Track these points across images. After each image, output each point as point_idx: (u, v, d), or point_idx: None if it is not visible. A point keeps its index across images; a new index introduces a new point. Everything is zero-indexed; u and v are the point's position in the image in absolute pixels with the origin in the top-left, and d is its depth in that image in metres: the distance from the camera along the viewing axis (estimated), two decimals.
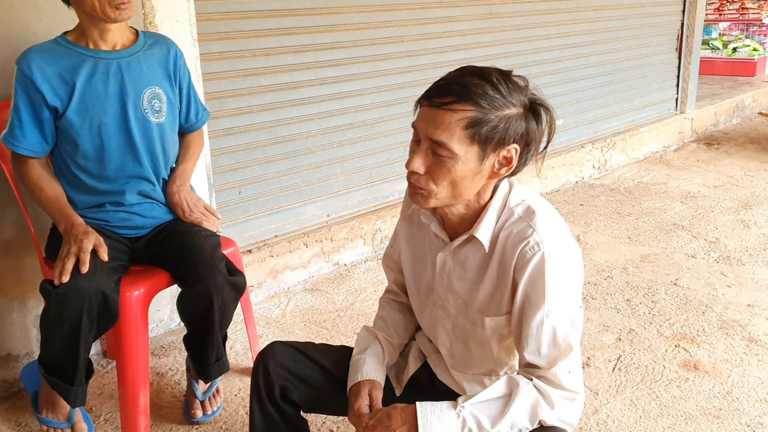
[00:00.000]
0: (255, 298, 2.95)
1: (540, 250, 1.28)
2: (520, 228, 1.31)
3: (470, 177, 1.27)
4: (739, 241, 3.53)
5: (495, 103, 1.22)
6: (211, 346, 1.97)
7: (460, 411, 1.28)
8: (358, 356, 1.52)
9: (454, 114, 1.22)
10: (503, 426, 1.26)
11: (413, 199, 1.32)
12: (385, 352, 1.54)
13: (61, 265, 1.72)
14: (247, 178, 2.97)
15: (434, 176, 1.26)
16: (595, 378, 2.34)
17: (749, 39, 8.25)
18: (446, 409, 1.28)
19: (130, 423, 1.89)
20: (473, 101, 1.21)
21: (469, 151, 1.23)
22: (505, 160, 1.28)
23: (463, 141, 1.22)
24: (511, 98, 1.24)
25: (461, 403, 1.29)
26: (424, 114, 1.26)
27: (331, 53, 3.14)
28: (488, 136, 1.23)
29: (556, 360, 1.30)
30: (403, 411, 1.30)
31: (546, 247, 1.28)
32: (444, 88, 1.24)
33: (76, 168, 1.93)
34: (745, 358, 2.45)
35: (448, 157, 1.23)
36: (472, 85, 1.22)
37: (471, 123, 1.21)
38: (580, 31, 4.56)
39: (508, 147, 1.26)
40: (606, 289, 3.02)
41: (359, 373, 1.47)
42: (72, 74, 1.85)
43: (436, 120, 1.23)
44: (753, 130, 6.22)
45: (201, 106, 2.15)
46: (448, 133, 1.22)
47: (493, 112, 1.22)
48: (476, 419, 1.27)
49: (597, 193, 4.44)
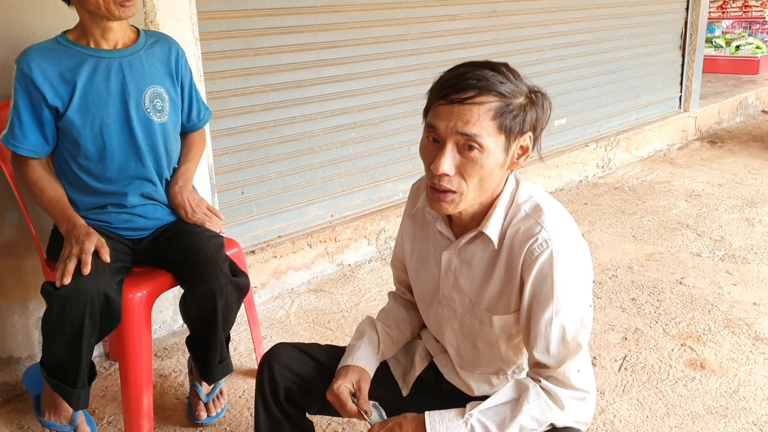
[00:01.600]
0: (259, 299, 2.93)
1: (548, 248, 1.27)
2: (528, 225, 1.30)
3: (497, 170, 1.26)
4: (744, 240, 3.51)
5: (512, 92, 1.23)
6: (215, 348, 1.95)
7: (468, 419, 1.26)
8: (353, 342, 1.52)
9: (481, 107, 1.21)
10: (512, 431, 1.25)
11: (439, 207, 1.28)
12: (380, 342, 1.54)
13: (62, 267, 1.71)
14: (249, 178, 2.95)
15: (465, 174, 1.24)
16: (601, 378, 2.32)
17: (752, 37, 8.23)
18: (454, 418, 1.27)
19: (134, 425, 1.88)
20: (495, 92, 1.21)
21: (497, 143, 1.23)
22: (522, 149, 1.28)
23: (492, 132, 1.22)
24: (520, 87, 1.25)
25: (469, 411, 1.27)
26: (444, 112, 1.23)
27: (334, 52, 3.13)
28: (512, 125, 1.23)
29: (565, 359, 1.28)
30: (413, 421, 1.30)
31: (554, 245, 1.27)
32: (462, 84, 1.22)
33: (77, 169, 1.91)
34: (751, 357, 2.43)
35: (478, 152, 1.22)
36: (489, 77, 1.22)
37: (497, 113, 1.21)
38: (583, 30, 4.55)
39: (524, 135, 1.27)
40: (611, 288, 3.00)
41: (350, 357, 1.48)
42: (73, 73, 1.84)
43: (463, 115, 1.21)
44: (756, 128, 6.19)
45: (203, 105, 2.14)
46: (479, 126, 1.21)
47: (512, 100, 1.23)
48: (484, 426, 1.26)
49: (601, 191, 4.42)
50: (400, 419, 1.32)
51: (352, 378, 1.44)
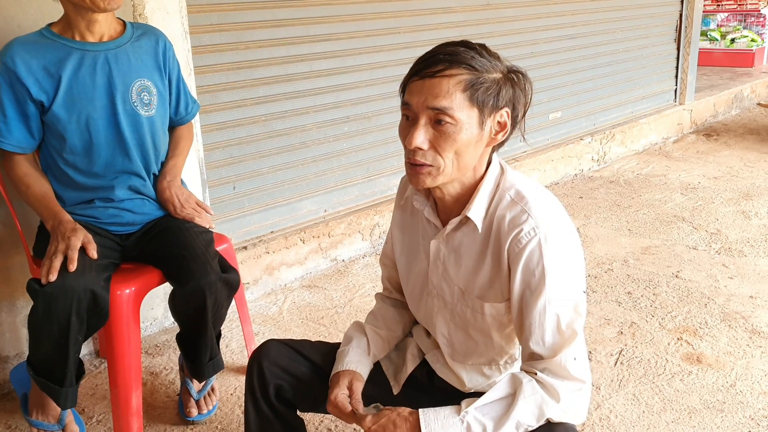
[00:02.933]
0: (251, 295, 2.91)
1: (536, 235, 1.25)
2: (515, 213, 1.28)
3: (473, 144, 1.25)
4: (740, 233, 3.49)
5: (484, 66, 1.24)
6: (205, 345, 1.92)
7: (464, 416, 1.24)
8: (342, 349, 1.50)
9: (450, 79, 1.21)
10: (508, 428, 1.22)
11: (417, 180, 1.28)
12: (371, 345, 1.51)
13: (48, 264, 1.67)
14: (241, 173, 2.92)
15: (439, 148, 1.24)
16: (597, 372, 2.30)
17: (747, 30, 8.21)
18: (450, 416, 1.24)
19: (122, 424, 1.85)
20: (465, 64, 1.22)
21: (470, 116, 1.23)
22: (500, 125, 1.28)
23: (464, 105, 1.22)
24: (495, 63, 1.26)
25: (465, 408, 1.24)
26: (416, 88, 1.24)
27: (326, 45, 3.09)
28: (485, 98, 1.23)
29: (561, 347, 1.25)
30: (407, 419, 1.27)
31: (542, 232, 1.25)
32: (432, 59, 1.24)
33: (63, 164, 1.88)
34: (748, 351, 2.41)
35: (451, 125, 1.22)
36: (460, 51, 1.24)
37: (468, 85, 1.22)
38: (578, 23, 4.52)
39: (500, 111, 1.26)
40: (607, 282, 2.98)
41: (341, 363, 1.46)
42: (58, 67, 1.81)
43: (433, 88, 1.21)
44: (752, 121, 6.18)
45: (191, 99, 2.11)
46: (449, 98, 1.21)
47: (484, 74, 1.23)
48: (481, 423, 1.23)
49: (596, 185, 4.40)
50: (394, 416, 1.28)
51: (345, 383, 1.42)
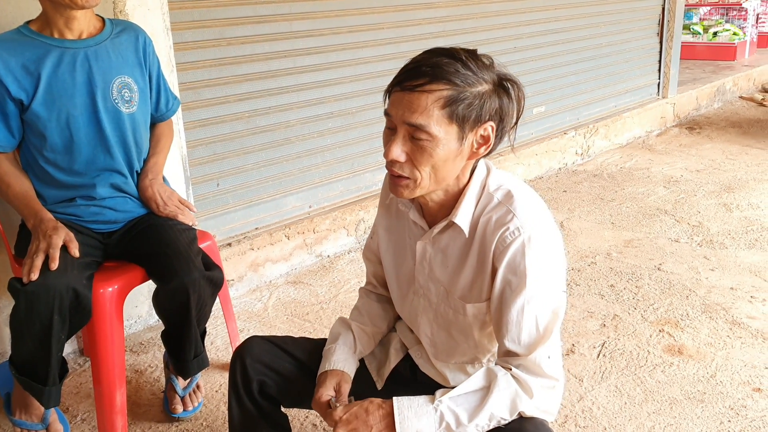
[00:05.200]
0: (236, 292, 2.90)
1: (520, 235, 1.26)
2: (500, 213, 1.28)
3: (452, 159, 1.24)
4: (722, 225, 3.53)
5: (468, 80, 1.20)
6: (189, 342, 1.92)
7: (438, 405, 1.25)
8: (328, 346, 1.50)
9: (430, 95, 1.19)
10: (481, 419, 1.24)
11: (396, 191, 1.28)
12: (357, 342, 1.52)
13: (29, 263, 1.67)
14: (224, 169, 2.91)
15: (416, 162, 1.23)
16: (579, 365, 2.32)
17: (729, 23, 8.27)
18: (423, 404, 1.25)
19: (107, 422, 1.85)
20: (447, 80, 1.19)
21: (448, 132, 1.21)
22: (483, 138, 1.26)
23: (442, 122, 1.20)
24: (482, 75, 1.23)
25: (439, 398, 1.26)
26: (397, 100, 1.23)
27: (309, 41, 3.09)
28: (465, 114, 1.21)
29: (536, 346, 1.27)
30: (380, 406, 1.27)
31: (526, 232, 1.26)
32: (414, 71, 1.21)
33: (44, 162, 1.87)
34: (728, 341, 2.44)
35: (427, 141, 1.21)
36: (443, 65, 1.20)
37: (447, 102, 1.19)
38: (561, 17, 4.53)
39: (484, 125, 1.24)
40: (590, 275, 3.00)
41: (327, 362, 1.46)
42: (37, 65, 1.79)
43: (412, 104, 1.20)
44: (734, 114, 6.23)
45: (171, 95, 2.10)
46: (426, 116, 1.19)
47: (467, 89, 1.20)
48: (454, 414, 1.24)
49: (580, 179, 4.43)
50: (366, 404, 1.28)
51: (332, 383, 1.42)
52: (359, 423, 1.26)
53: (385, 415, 1.25)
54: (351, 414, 1.27)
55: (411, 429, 1.23)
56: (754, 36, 8.60)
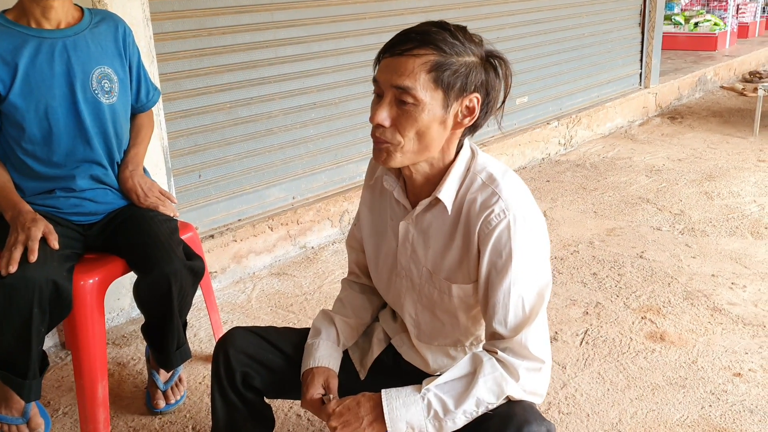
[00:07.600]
0: (219, 284, 2.89)
1: (506, 218, 1.26)
2: (486, 195, 1.29)
3: (436, 126, 1.25)
4: (703, 213, 3.56)
5: (455, 49, 1.23)
6: (171, 334, 1.91)
7: (425, 394, 1.26)
8: (311, 341, 1.50)
9: (417, 59, 1.21)
10: (468, 405, 1.24)
11: (378, 157, 1.29)
12: (340, 335, 1.52)
13: (8, 255, 1.65)
14: (206, 161, 2.89)
15: (400, 127, 1.24)
16: (562, 352, 2.34)
17: (710, 14, 8.34)
18: (411, 394, 1.26)
19: (89, 415, 1.83)
20: (434, 45, 1.21)
21: (433, 97, 1.22)
22: (468, 110, 1.27)
23: (428, 86, 1.22)
24: (470, 47, 1.25)
25: (425, 386, 1.26)
26: (385, 65, 1.25)
27: (291, 31, 3.07)
28: (451, 81, 1.22)
29: (522, 327, 1.28)
30: (370, 399, 1.29)
31: (511, 214, 1.26)
32: (403, 37, 1.24)
33: (22, 153, 1.85)
34: (709, 328, 2.47)
35: (413, 105, 1.22)
36: (432, 32, 1.23)
37: (434, 66, 1.21)
38: (543, 7, 4.54)
39: (470, 96, 1.26)
40: (573, 264, 3.02)
41: (311, 358, 1.46)
42: (14, 55, 1.76)
43: (399, 67, 1.22)
44: (715, 104, 6.29)
45: (151, 86, 2.07)
46: (413, 78, 1.21)
47: (454, 56, 1.22)
48: (441, 401, 1.25)
49: (563, 169, 4.45)
50: (359, 397, 1.31)
51: (320, 380, 1.42)
52: (351, 415, 1.28)
53: (374, 406, 1.27)
54: (343, 407, 1.30)
55: (400, 419, 1.24)
56: (735, 26, 8.68)
